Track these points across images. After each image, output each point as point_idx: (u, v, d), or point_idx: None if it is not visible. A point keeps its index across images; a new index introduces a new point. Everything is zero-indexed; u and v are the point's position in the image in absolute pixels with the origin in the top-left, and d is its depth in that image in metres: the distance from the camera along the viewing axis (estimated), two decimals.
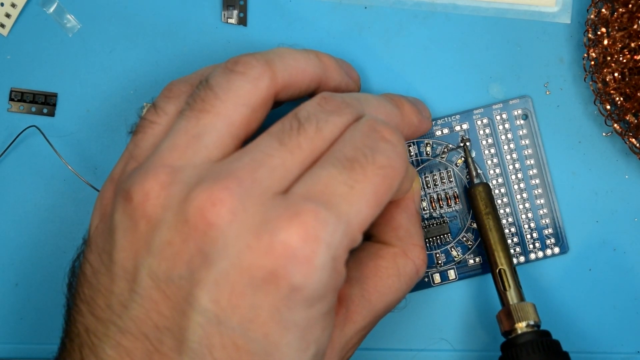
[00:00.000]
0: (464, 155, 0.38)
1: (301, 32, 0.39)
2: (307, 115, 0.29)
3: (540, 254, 0.38)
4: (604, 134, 0.39)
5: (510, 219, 0.38)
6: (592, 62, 0.38)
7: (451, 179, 0.38)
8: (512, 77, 0.39)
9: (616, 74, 0.37)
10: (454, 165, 0.38)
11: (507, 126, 0.38)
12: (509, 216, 0.38)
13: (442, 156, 0.38)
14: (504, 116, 0.38)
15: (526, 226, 0.38)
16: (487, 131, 0.38)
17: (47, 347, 0.38)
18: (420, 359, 0.38)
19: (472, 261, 0.38)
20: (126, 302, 0.28)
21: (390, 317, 0.37)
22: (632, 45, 0.36)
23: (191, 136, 0.29)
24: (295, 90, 0.31)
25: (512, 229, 0.38)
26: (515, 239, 0.38)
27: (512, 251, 0.38)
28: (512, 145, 0.38)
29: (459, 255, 0.38)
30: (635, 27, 0.36)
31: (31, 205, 0.38)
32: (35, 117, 0.39)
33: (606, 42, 0.37)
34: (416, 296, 0.38)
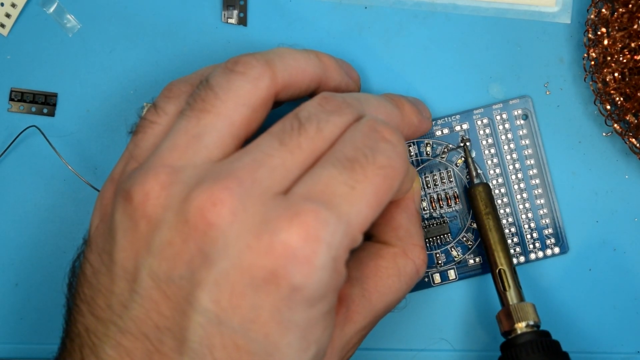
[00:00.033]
0: (464, 155, 0.38)
1: (301, 32, 0.39)
2: (308, 115, 0.29)
3: (540, 254, 0.38)
4: (604, 134, 0.39)
5: (510, 219, 0.38)
6: (592, 62, 0.38)
7: (451, 179, 0.38)
8: (512, 77, 0.39)
9: (616, 74, 0.37)
10: (454, 165, 0.38)
11: (507, 126, 0.38)
12: (509, 216, 0.38)
13: (442, 156, 0.38)
14: (504, 116, 0.38)
15: (526, 226, 0.38)
16: (487, 131, 0.38)
17: (47, 347, 0.38)
18: (420, 359, 0.38)
19: (472, 261, 0.38)
20: (126, 302, 0.28)
21: (390, 317, 0.37)
22: (632, 45, 0.36)
23: (191, 136, 0.29)
24: (295, 90, 0.31)
25: (512, 229, 0.38)
26: (515, 239, 0.38)
27: (512, 251, 0.38)
28: (512, 145, 0.38)
29: (459, 255, 0.38)
30: (635, 27, 0.36)
31: (31, 205, 0.38)
32: (35, 117, 0.39)
33: (606, 42, 0.37)
34: (416, 296, 0.38)
